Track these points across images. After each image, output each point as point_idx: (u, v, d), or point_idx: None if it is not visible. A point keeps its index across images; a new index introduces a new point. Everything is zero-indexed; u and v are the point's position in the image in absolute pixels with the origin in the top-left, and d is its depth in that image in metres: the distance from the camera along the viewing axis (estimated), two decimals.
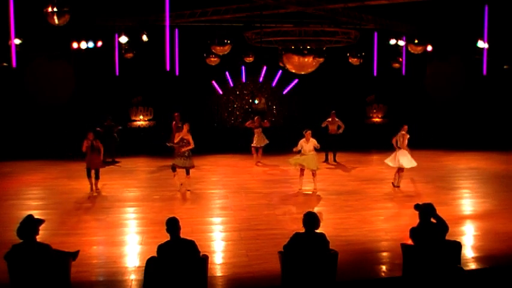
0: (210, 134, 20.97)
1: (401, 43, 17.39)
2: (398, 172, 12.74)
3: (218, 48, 16.31)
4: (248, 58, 18.47)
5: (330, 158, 16.43)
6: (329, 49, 16.03)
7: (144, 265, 6.05)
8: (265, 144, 16.37)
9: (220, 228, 9.63)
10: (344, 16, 15.47)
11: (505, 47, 17.75)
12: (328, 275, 6.28)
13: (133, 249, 8.44)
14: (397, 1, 13.97)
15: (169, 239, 6.04)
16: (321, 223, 6.39)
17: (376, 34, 17.58)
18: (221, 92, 22.31)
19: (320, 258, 6.20)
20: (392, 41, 17.42)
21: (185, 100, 20.37)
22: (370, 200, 11.65)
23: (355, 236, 8.95)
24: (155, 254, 6.02)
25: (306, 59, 15.16)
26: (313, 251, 6.16)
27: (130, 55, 17.56)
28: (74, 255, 6.41)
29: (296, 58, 15.21)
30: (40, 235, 6.06)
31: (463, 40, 17.02)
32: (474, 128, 20.51)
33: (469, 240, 8.91)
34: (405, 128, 12.67)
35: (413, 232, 6.34)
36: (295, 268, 6.22)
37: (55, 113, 18.61)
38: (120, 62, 17.85)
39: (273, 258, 6.98)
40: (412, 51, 16.76)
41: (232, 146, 19.01)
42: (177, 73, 16.42)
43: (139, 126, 20.85)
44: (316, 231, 6.25)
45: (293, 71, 16.37)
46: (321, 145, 12.89)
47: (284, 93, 22.57)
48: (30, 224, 5.98)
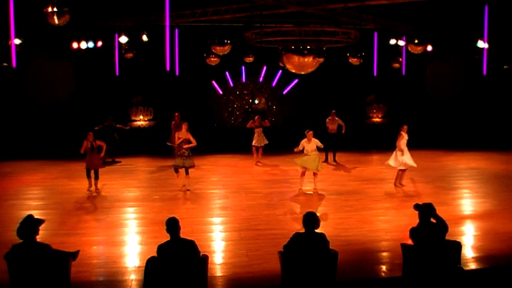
0: (210, 134, 20.98)
1: (401, 43, 17.39)
2: (400, 171, 12.75)
3: (218, 48, 16.31)
4: (248, 58, 18.48)
5: (330, 158, 16.44)
6: (329, 49, 16.04)
7: (144, 265, 6.06)
8: (264, 144, 16.35)
9: (220, 228, 9.63)
10: (344, 16, 15.47)
11: (505, 47, 17.75)
12: (328, 275, 6.28)
13: (133, 249, 8.44)
14: (397, 1, 13.98)
15: (169, 239, 6.04)
16: (321, 223, 6.40)
17: (376, 34, 17.58)
18: (221, 92, 22.32)
19: (320, 258, 6.20)
20: (392, 41, 17.42)
21: (185, 100, 20.38)
22: (370, 200, 11.65)
23: (355, 236, 8.95)
24: (155, 254, 6.02)
25: (306, 59, 15.16)
26: (313, 251, 6.17)
27: (130, 55, 17.57)
28: (74, 255, 6.41)
29: (296, 58, 15.21)
30: (40, 235, 6.06)
31: (463, 40, 17.02)
32: (474, 128, 20.50)
33: (469, 240, 8.91)
34: (404, 128, 12.63)
35: (413, 232, 6.34)
36: (295, 268, 6.22)
37: (55, 113, 18.62)
38: (120, 62, 17.86)
39: (273, 258, 6.98)
40: (412, 51, 16.77)
41: (232, 146, 19.01)
42: (177, 73, 16.42)
43: (139, 126, 20.86)
44: (316, 231, 6.25)
45: (293, 71, 16.37)
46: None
47: (284, 93, 22.59)
48: (30, 224, 5.98)
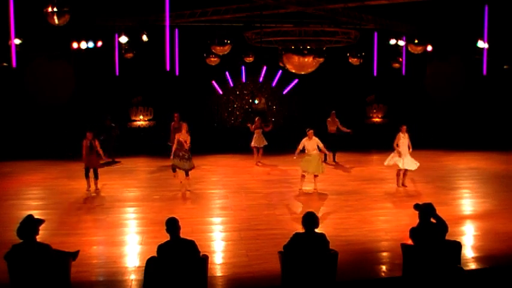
0: (210, 134, 21.00)
1: (401, 43, 17.39)
2: (401, 172, 12.74)
3: (218, 48, 16.30)
4: (248, 58, 18.47)
5: (330, 158, 16.43)
6: (329, 49, 16.03)
7: (144, 265, 6.06)
8: (263, 145, 16.32)
9: (220, 228, 9.63)
10: (344, 16, 15.47)
11: (505, 47, 17.75)
12: (328, 275, 6.28)
13: (133, 249, 8.44)
14: (397, 1, 13.98)
15: (169, 239, 6.04)
16: (321, 223, 6.39)
17: (376, 34, 17.58)
18: (221, 92, 22.32)
19: (320, 258, 6.20)
20: (392, 41, 17.42)
21: (185, 100, 20.37)
22: (370, 200, 11.65)
23: (355, 236, 8.95)
24: (155, 254, 6.02)
25: (306, 59, 15.15)
26: (313, 251, 6.17)
27: (130, 55, 17.57)
28: (74, 255, 6.41)
29: (296, 58, 15.20)
30: (40, 235, 6.06)
31: (463, 40, 17.02)
32: (474, 128, 20.51)
33: (469, 240, 8.91)
34: (402, 129, 12.56)
35: (413, 232, 6.34)
36: (295, 268, 6.22)
37: (55, 113, 18.62)
38: (120, 62, 17.86)
39: (273, 258, 6.98)
40: (412, 51, 16.77)
41: (232, 146, 19.01)
42: (177, 73, 16.42)
43: (139, 126, 20.86)
44: (316, 231, 6.25)
45: (293, 71, 16.36)
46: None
47: (284, 93, 22.59)
48: (30, 224, 5.98)
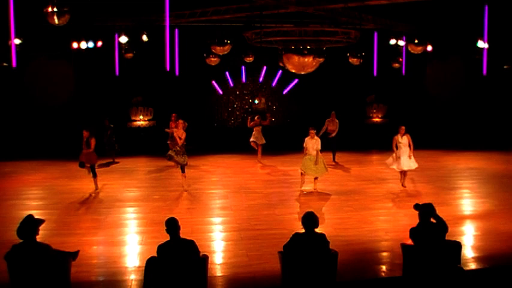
0: (210, 134, 21.01)
1: (401, 43, 17.39)
2: (402, 173, 12.73)
3: (218, 48, 16.30)
4: (248, 58, 18.48)
5: (330, 159, 16.39)
6: (329, 49, 16.03)
7: (144, 265, 6.06)
8: (262, 143, 16.28)
9: (220, 228, 9.63)
10: (344, 16, 15.47)
11: (505, 47, 17.76)
12: (328, 275, 6.28)
13: (133, 249, 8.44)
14: (397, 1, 13.98)
15: (169, 239, 6.04)
16: (321, 223, 6.39)
17: (376, 34, 17.59)
18: (221, 92, 22.32)
19: (320, 258, 6.20)
20: (392, 41, 17.42)
21: (185, 100, 20.37)
22: (370, 200, 11.65)
23: (355, 236, 8.95)
24: (155, 254, 6.02)
25: (306, 59, 15.14)
26: (313, 251, 6.17)
27: (130, 55, 17.58)
28: (74, 255, 6.41)
29: (296, 58, 15.19)
30: (40, 235, 6.06)
31: (463, 40, 17.03)
32: (474, 128, 20.51)
33: (469, 240, 8.91)
34: (400, 130, 12.46)
35: (413, 232, 6.34)
36: (295, 268, 6.22)
37: (55, 113, 18.62)
38: (120, 62, 17.87)
39: (273, 258, 6.99)
40: (412, 51, 16.78)
41: (232, 146, 19.02)
42: (177, 73, 16.41)
43: (139, 126, 20.86)
44: (316, 231, 6.25)
45: (293, 71, 16.36)
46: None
47: (284, 93, 22.59)
48: (30, 224, 5.98)
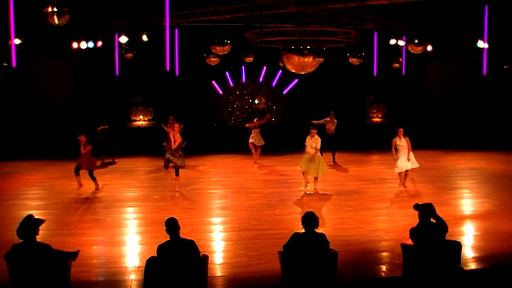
0: (210, 134, 21.02)
1: (401, 43, 17.40)
2: (402, 173, 12.69)
3: (218, 48, 16.30)
4: (248, 58, 18.48)
5: (330, 159, 16.34)
6: (329, 49, 16.03)
7: (144, 265, 6.06)
8: (261, 145, 16.18)
9: (220, 228, 9.63)
10: (344, 16, 15.48)
11: (505, 47, 17.76)
12: (328, 275, 6.28)
13: (133, 249, 8.44)
14: (397, 1, 13.98)
15: (169, 239, 6.04)
16: (321, 223, 6.39)
17: (376, 34, 17.59)
18: (221, 92, 22.33)
19: (320, 258, 6.20)
20: (392, 41, 17.43)
21: (185, 100, 20.37)
22: (370, 200, 11.64)
23: (355, 236, 8.95)
24: (155, 254, 6.02)
25: (306, 59, 15.15)
26: (313, 251, 6.17)
27: (130, 55, 17.58)
28: (74, 255, 6.41)
29: (296, 58, 15.19)
30: (40, 235, 6.06)
31: (463, 40, 17.03)
32: (474, 128, 20.51)
33: (469, 240, 8.91)
34: (398, 132, 12.32)
35: (413, 232, 6.34)
36: (295, 268, 6.22)
37: (55, 113, 18.62)
38: (120, 62, 17.87)
39: (273, 258, 6.98)
40: (412, 51, 16.78)
41: (232, 146, 19.02)
42: (177, 73, 16.41)
43: (139, 126, 20.86)
44: (316, 231, 6.25)
45: (293, 71, 16.36)
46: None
47: (284, 93, 22.60)
48: (30, 224, 5.98)
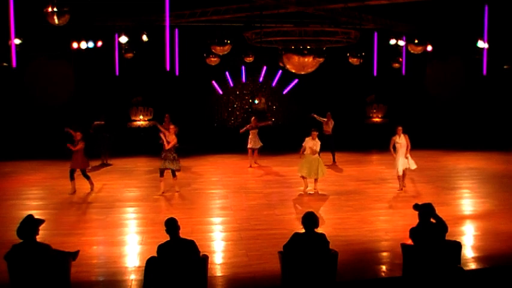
0: (210, 134, 21.02)
1: (401, 43, 17.40)
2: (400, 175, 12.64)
3: (218, 48, 16.31)
4: (248, 58, 18.47)
5: (329, 159, 16.27)
6: (329, 49, 16.03)
7: (144, 265, 6.06)
8: (259, 146, 15.82)
9: (220, 228, 9.63)
10: (344, 16, 15.48)
11: (505, 47, 17.76)
12: (328, 275, 6.28)
13: (133, 249, 8.44)
14: (397, 1, 13.98)
15: (169, 239, 6.04)
16: (321, 223, 6.39)
17: (376, 34, 17.60)
18: (221, 92, 22.34)
19: (320, 258, 6.20)
20: (392, 41, 17.43)
21: (185, 100, 20.37)
22: (370, 200, 11.65)
23: (355, 236, 8.95)
24: (155, 254, 6.02)
25: (306, 59, 15.15)
26: (313, 251, 6.17)
27: (130, 55, 17.58)
28: (74, 255, 6.41)
29: (296, 58, 15.20)
30: (40, 235, 6.06)
31: (463, 40, 17.03)
32: (474, 128, 20.51)
33: (469, 240, 8.91)
34: (397, 131, 12.20)
35: (413, 232, 6.34)
36: (295, 268, 6.22)
37: (55, 113, 18.61)
38: (120, 62, 17.88)
39: (273, 258, 6.99)
40: (412, 51, 16.78)
41: (232, 146, 19.00)
42: (177, 73, 16.41)
43: (139, 126, 20.86)
44: (316, 231, 6.25)
45: (293, 71, 16.36)
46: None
47: (284, 93, 22.60)
48: (30, 224, 5.98)
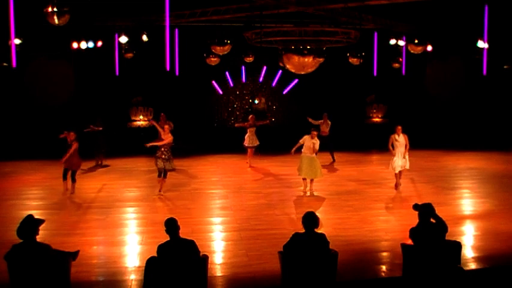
0: (210, 134, 21.01)
1: (401, 43, 17.40)
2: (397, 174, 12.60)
3: (218, 48, 16.31)
4: (248, 58, 18.46)
5: (328, 159, 16.22)
6: (329, 49, 16.03)
7: (144, 265, 6.06)
8: (256, 145, 15.70)
9: (220, 228, 9.63)
10: (344, 16, 15.48)
11: (505, 47, 17.76)
12: (328, 275, 6.28)
13: (133, 249, 8.44)
14: (397, 1, 13.99)
15: (169, 239, 6.04)
16: (321, 223, 6.39)
17: (376, 34, 17.60)
18: (221, 92, 22.34)
19: (320, 258, 6.20)
20: (392, 41, 17.43)
21: (185, 100, 20.36)
22: (370, 200, 11.64)
23: (355, 236, 8.95)
24: (155, 254, 6.02)
25: (306, 59, 15.15)
26: (313, 251, 6.17)
27: (130, 55, 17.58)
28: (74, 255, 6.41)
29: (296, 58, 15.20)
30: (40, 235, 6.06)
31: (463, 40, 17.03)
32: (474, 128, 20.51)
33: (469, 240, 8.91)
34: (397, 130, 12.20)
35: (412, 232, 6.34)
36: (295, 268, 6.22)
37: (55, 113, 18.61)
38: (120, 62, 17.88)
39: (273, 258, 6.99)
40: (412, 51, 16.79)
41: (232, 146, 18.99)
42: (177, 73, 16.40)
43: (139, 126, 20.86)
44: (316, 231, 6.25)
45: (293, 71, 16.36)
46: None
47: (284, 93, 22.60)
48: (30, 224, 5.98)
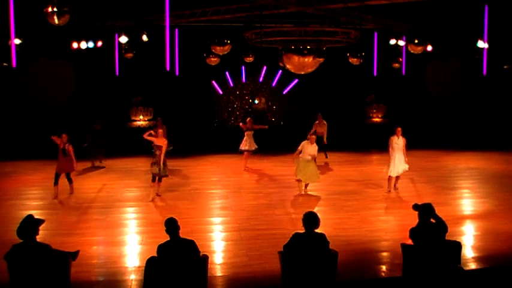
0: (210, 134, 21.01)
1: (401, 43, 17.39)
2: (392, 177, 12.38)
3: (218, 48, 16.31)
4: (248, 58, 18.46)
5: (321, 158, 16.09)
6: (329, 49, 16.03)
7: (144, 265, 6.07)
8: (254, 149, 15.35)
9: (220, 228, 9.63)
10: (344, 16, 15.48)
11: (505, 47, 17.76)
12: (328, 275, 6.28)
13: (133, 249, 8.44)
14: (397, 1, 13.98)
15: (169, 239, 6.04)
16: (321, 223, 6.39)
17: (376, 34, 17.59)
18: (221, 92, 22.34)
19: (320, 258, 6.20)
20: (392, 41, 17.42)
21: (185, 100, 20.36)
22: (370, 200, 11.65)
23: (355, 236, 8.96)
24: (155, 254, 6.03)
25: (306, 59, 15.15)
26: (313, 251, 6.17)
27: (130, 55, 17.58)
28: (74, 255, 6.42)
29: (296, 58, 15.20)
30: (40, 235, 6.07)
31: (463, 40, 17.03)
32: (474, 128, 20.51)
33: (469, 240, 8.92)
34: (396, 131, 12.07)
35: (412, 232, 6.35)
36: (295, 268, 6.22)
37: (55, 113, 18.61)
38: (120, 62, 17.87)
39: (273, 258, 6.99)
40: (412, 51, 16.78)
41: (232, 146, 18.97)
42: (177, 73, 16.40)
43: (139, 126, 20.85)
44: (316, 231, 6.25)
45: (293, 71, 16.36)
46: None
47: (284, 93, 22.59)
48: (30, 224, 5.98)
